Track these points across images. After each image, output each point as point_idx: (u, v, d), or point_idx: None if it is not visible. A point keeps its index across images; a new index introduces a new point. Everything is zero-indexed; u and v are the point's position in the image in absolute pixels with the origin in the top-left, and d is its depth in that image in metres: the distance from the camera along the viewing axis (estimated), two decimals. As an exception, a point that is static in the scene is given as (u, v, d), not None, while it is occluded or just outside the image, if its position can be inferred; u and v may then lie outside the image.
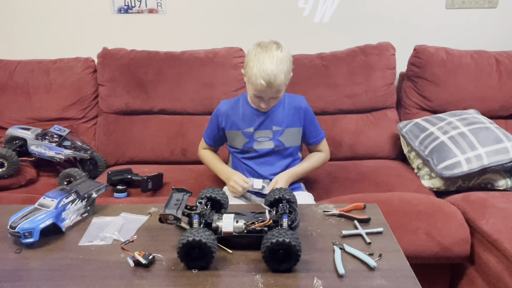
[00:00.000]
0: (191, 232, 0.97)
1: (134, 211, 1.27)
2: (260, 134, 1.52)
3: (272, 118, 1.51)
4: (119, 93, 2.08)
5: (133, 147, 2.08)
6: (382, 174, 1.90)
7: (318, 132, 1.59)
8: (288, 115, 1.52)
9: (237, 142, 1.56)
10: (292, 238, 0.96)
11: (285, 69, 1.38)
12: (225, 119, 1.55)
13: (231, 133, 1.56)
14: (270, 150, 1.54)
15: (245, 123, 1.52)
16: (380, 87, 2.09)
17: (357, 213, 1.25)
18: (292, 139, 1.54)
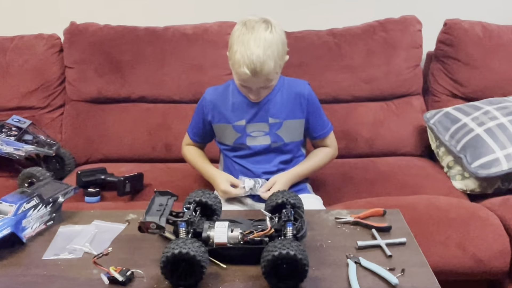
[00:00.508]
0: (177, 244, 0.98)
1: (109, 218, 1.27)
2: (254, 128, 1.51)
3: (268, 108, 1.50)
4: (90, 77, 2.07)
5: (107, 142, 2.07)
6: (406, 174, 1.90)
7: (324, 123, 1.58)
8: (288, 104, 1.51)
9: (227, 138, 1.55)
10: (297, 250, 0.96)
11: (275, 54, 1.36)
12: (212, 110, 1.54)
13: (220, 127, 1.55)
14: (266, 147, 1.53)
15: (235, 114, 1.51)
16: (404, 70, 2.09)
17: (376, 220, 1.25)
18: (293, 133, 1.53)
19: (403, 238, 1.15)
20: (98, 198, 1.73)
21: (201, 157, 1.64)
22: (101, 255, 1.03)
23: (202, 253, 0.98)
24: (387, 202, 1.64)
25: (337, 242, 1.16)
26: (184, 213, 1.11)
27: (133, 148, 2.07)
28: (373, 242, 1.14)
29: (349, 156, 2.08)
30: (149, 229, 1.04)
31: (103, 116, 2.09)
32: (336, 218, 1.27)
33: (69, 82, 2.10)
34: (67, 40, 2.08)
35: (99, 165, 1.92)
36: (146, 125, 2.08)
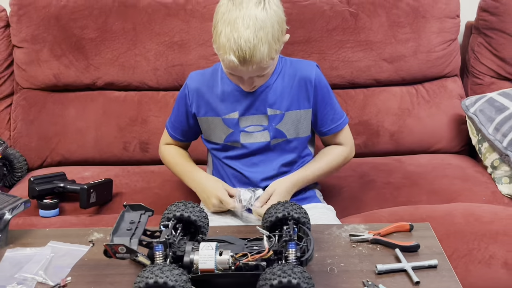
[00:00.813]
0: (152, 271, 0.98)
1: (68, 238, 1.27)
2: (249, 121, 1.51)
3: (266, 97, 1.49)
4: (44, 59, 2.07)
5: (67, 141, 2.07)
6: (439, 176, 1.90)
7: (336, 115, 1.57)
8: (291, 90, 1.50)
9: (216, 135, 1.55)
10: (301, 278, 0.97)
11: (269, 36, 1.34)
12: (197, 100, 1.54)
13: (207, 121, 1.55)
14: (265, 145, 1.53)
15: (226, 105, 1.51)
16: (436, 46, 2.08)
17: (400, 238, 1.26)
18: (298, 127, 1.53)
19: (433, 259, 1.16)
20: (55, 212, 1.73)
21: (184, 159, 1.64)
22: (58, 287, 1.03)
23: (183, 283, 0.98)
24: (415, 212, 1.64)
25: (352, 266, 1.16)
26: (161, 232, 1.11)
27: (100, 148, 2.07)
28: (396, 266, 1.15)
29: (368, 154, 2.09)
30: (117, 253, 1.04)
31: (62, 108, 2.09)
32: (351, 235, 1.27)
33: (18, 65, 2.10)
34: (14, 12, 2.07)
35: (57, 170, 1.93)
36: (115, 118, 2.08)
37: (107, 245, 1.03)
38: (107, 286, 1.12)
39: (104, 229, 1.32)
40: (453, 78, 2.15)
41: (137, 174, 2.00)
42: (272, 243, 1.09)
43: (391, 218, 1.60)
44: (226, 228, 1.36)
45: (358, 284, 1.10)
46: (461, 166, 1.98)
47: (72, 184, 1.80)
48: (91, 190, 1.73)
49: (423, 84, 2.12)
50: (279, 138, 1.52)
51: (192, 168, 1.61)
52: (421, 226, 1.30)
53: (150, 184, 1.93)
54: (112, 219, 1.64)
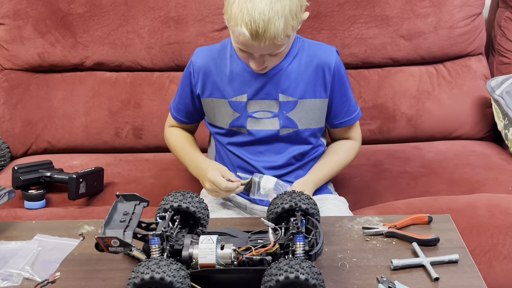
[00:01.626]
0: (147, 266, 0.99)
1: (56, 231, 1.28)
2: (258, 106, 1.51)
3: (279, 81, 1.49)
4: (28, 37, 2.07)
5: (53, 126, 2.08)
6: (461, 165, 1.91)
7: (351, 107, 1.57)
8: (307, 76, 1.50)
9: (221, 118, 1.55)
10: (310, 273, 0.97)
11: (286, 10, 1.33)
12: (202, 79, 1.54)
13: (211, 103, 1.55)
14: (273, 134, 1.53)
15: (234, 86, 1.51)
16: (459, 21, 2.08)
17: (418, 230, 1.27)
18: (311, 118, 1.53)
19: (454, 254, 1.17)
20: (42, 203, 1.74)
21: (187, 143, 1.64)
22: (46, 283, 1.05)
23: (182, 279, 0.99)
24: (435, 204, 1.65)
25: (365, 261, 1.17)
26: (157, 225, 1.12)
27: (89, 134, 2.08)
28: (413, 261, 1.16)
29: (383, 141, 2.09)
30: (110, 247, 1.05)
31: (48, 91, 2.10)
32: (364, 227, 1.28)
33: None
34: (-5, -14, 2.08)
35: (42, 158, 1.94)
36: (106, 102, 2.08)
37: (98, 238, 1.04)
38: (99, 282, 1.13)
39: (95, 221, 1.33)
40: (478, 56, 2.14)
41: (130, 162, 2.01)
42: (278, 236, 1.10)
43: (408, 210, 1.60)
44: (228, 220, 1.37)
45: (372, 281, 1.11)
46: (485, 154, 1.98)
47: (59, 173, 1.81)
48: (81, 180, 1.74)
49: (444, 63, 2.12)
50: (290, 128, 1.52)
51: (194, 152, 1.61)
52: (441, 218, 1.31)
53: (144, 174, 1.94)
54: (103, 211, 1.65)
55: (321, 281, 0.99)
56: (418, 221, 1.29)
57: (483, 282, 1.11)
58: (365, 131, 2.07)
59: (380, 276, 1.11)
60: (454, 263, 1.16)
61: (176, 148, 1.65)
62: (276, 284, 0.97)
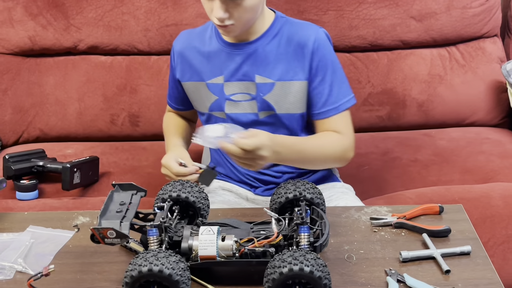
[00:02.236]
0: (145, 258, 1.00)
1: (50, 223, 1.29)
2: (236, 88, 1.51)
3: (256, 61, 1.48)
4: (18, 19, 2.08)
5: (45, 113, 2.09)
6: (475, 152, 1.92)
7: (331, 97, 1.48)
8: (286, 56, 1.48)
9: (201, 103, 1.56)
10: (315, 265, 0.98)
11: None
12: (181, 62, 1.56)
13: (191, 87, 1.56)
14: (253, 118, 1.52)
15: (211, 68, 1.52)
16: (473, 0, 2.08)
17: (429, 221, 1.27)
18: (290, 101, 1.50)
19: (466, 246, 1.17)
20: (34, 194, 1.75)
21: (173, 127, 1.65)
22: (40, 276, 1.05)
23: (181, 271, 1.00)
24: (447, 194, 1.66)
25: (372, 253, 1.18)
26: (155, 215, 1.13)
27: (84, 121, 2.09)
28: (423, 253, 1.16)
29: (393, 128, 2.09)
30: (106, 238, 1.06)
31: (39, 76, 2.10)
32: (371, 218, 1.29)
33: (-11, 26, 2.11)
34: (-17, -35, 2.08)
35: (35, 147, 1.95)
36: (101, 87, 2.09)
37: (94, 229, 1.05)
38: (95, 275, 1.14)
39: (90, 212, 1.34)
40: (492, 38, 2.14)
41: (126, 151, 2.02)
42: (282, 227, 1.11)
43: (419, 200, 1.61)
44: (229, 211, 1.38)
45: (380, 273, 1.12)
46: (500, 141, 1.99)
47: (52, 162, 1.82)
48: (75, 170, 1.75)
49: (457, 45, 2.12)
50: (267, 111, 1.51)
51: (172, 136, 1.60)
52: (453, 208, 1.31)
53: (141, 163, 1.95)
54: (99, 202, 1.66)
55: (327, 273, 0.99)
56: (428, 211, 1.29)
57: (496, 275, 1.11)
58: (373, 117, 2.08)
59: (388, 269, 1.12)
60: (466, 255, 1.16)
61: (164, 132, 1.66)
62: (280, 277, 0.98)
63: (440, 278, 1.10)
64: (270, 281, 0.99)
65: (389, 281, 1.08)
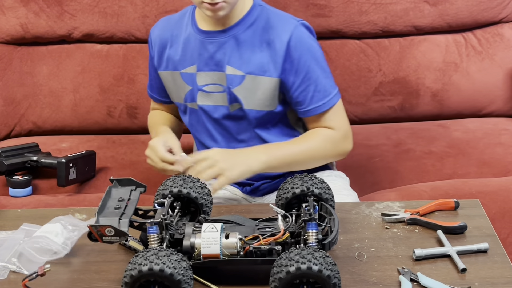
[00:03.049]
0: (145, 257, 1.00)
1: (44, 220, 1.29)
2: (209, 79, 1.52)
3: (228, 51, 1.48)
4: (9, 5, 2.08)
5: (39, 105, 2.10)
6: (492, 144, 1.91)
7: (318, 92, 1.47)
8: (259, 49, 1.48)
9: (177, 93, 1.57)
10: (324, 264, 0.98)
11: None
12: (158, 50, 1.57)
13: (167, 76, 1.57)
14: (225, 112, 1.52)
15: (186, 56, 1.53)
16: (490, -17, 2.07)
17: (444, 217, 1.28)
18: (259, 98, 1.49)
19: (484, 243, 1.17)
20: (28, 191, 1.76)
21: (162, 120, 1.65)
22: (35, 276, 1.06)
23: (183, 270, 1.01)
24: (463, 187, 1.66)
25: (384, 251, 1.18)
26: (155, 212, 1.14)
27: (79, 113, 2.10)
28: (438, 250, 1.17)
29: (406, 119, 2.10)
30: (104, 236, 1.07)
31: (32, 66, 2.11)
32: (383, 214, 1.29)
33: (-22, 14, 2.11)
34: (-29, -51, 2.08)
35: (28, 140, 1.95)
36: (97, 77, 2.09)
37: (91, 226, 1.06)
38: (92, 275, 1.15)
39: (87, 209, 1.35)
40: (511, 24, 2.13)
41: (124, 145, 2.02)
42: (289, 224, 1.11)
43: (433, 194, 1.62)
44: (233, 207, 1.39)
45: (392, 272, 1.12)
46: (519, 133, 1.99)
47: (47, 157, 1.82)
48: (70, 165, 1.75)
49: (473, 31, 2.12)
50: (236, 104, 1.51)
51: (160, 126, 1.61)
52: (469, 203, 1.31)
53: (140, 157, 1.94)
54: (96, 199, 1.67)
55: (336, 272, 1.00)
56: (443, 207, 1.30)
57: (515, 272, 1.11)
58: (385, 108, 2.08)
59: (401, 267, 1.12)
60: (483, 252, 1.16)
61: (150, 129, 1.67)
62: (287, 276, 0.98)
63: (455, 277, 1.10)
64: (277, 280, 0.99)
65: (402, 280, 1.08)
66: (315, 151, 1.50)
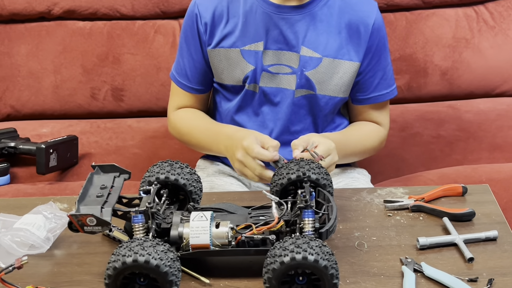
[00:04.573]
0: (130, 248, 1.00)
1: (23, 210, 1.30)
2: (276, 58, 1.50)
3: (304, 29, 1.48)
4: (-17, -20, 2.08)
5: (17, 87, 2.10)
6: (505, 127, 1.92)
7: (384, 80, 1.52)
8: (338, 30, 1.48)
9: (232, 73, 1.52)
10: (321, 253, 0.99)
11: None
12: (211, 24, 1.51)
13: (220, 54, 1.52)
14: (285, 97, 1.50)
15: (247, 32, 1.49)
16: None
17: (450, 203, 1.28)
18: (335, 83, 1.50)
19: (493, 230, 1.18)
20: (6, 179, 1.77)
21: (204, 118, 1.58)
22: (12, 269, 1.06)
23: (170, 262, 1.01)
24: (473, 174, 1.67)
25: (386, 240, 1.19)
26: (141, 200, 1.14)
27: (60, 96, 2.10)
28: (444, 239, 1.17)
29: (413, 100, 2.10)
30: (85, 226, 1.07)
31: (9, 45, 2.10)
32: (385, 201, 1.30)
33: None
34: None
35: (5, 125, 1.96)
36: (79, 57, 2.09)
37: (71, 215, 1.06)
38: (74, 268, 1.15)
39: (68, 197, 1.35)
40: (526, -4, 2.13)
41: (109, 129, 2.03)
42: (283, 212, 1.11)
43: (441, 182, 1.61)
44: (226, 195, 1.39)
45: (395, 262, 1.13)
46: (534, 114, 1.99)
47: (25, 143, 1.83)
48: (51, 151, 1.76)
49: (485, 4, 2.12)
50: (305, 90, 1.50)
51: (219, 125, 1.55)
52: (478, 189, 1.32)
53: (126, 142, 1.96)
54: (78, 187, 1.66)
55: (334, 262, 1.00)
56: (450, 193, 1.30)
57: (526, 262, 1.12)
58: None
59: (404, 257, 1.13)
60: (492, 241, 1.17)
61: (191, 129, 1.56)
62: (281, 267, 0.98)
63: (462, 267, 1.11)
64: (270, 271, 0.99)
65: (405, 271, 1.09)
66: (366, 148, 1.55)
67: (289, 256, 0.98)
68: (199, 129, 1.56)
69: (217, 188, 1.54)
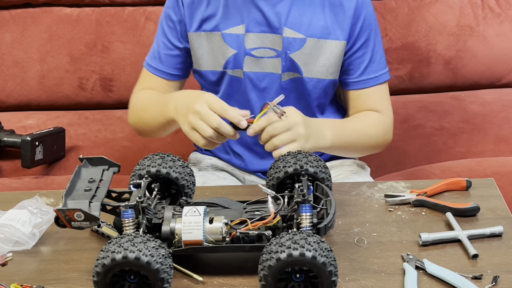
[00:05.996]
0: (119, 244, 1.00)
1: (7, 204, 1.30)
2: (259, 41, 1.51)
3: (286, 10, 1.48)
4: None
5: (1, 77, 2.11)
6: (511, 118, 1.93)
7: (372, 63, 1.51)
8: (322, 9, 1.49)
9: (214, 58, 1.54)
10: (318, 250, 0.99)
11: None
12: (189, 7, 1.52)
13: (200, 38, 1.53)
14: (273, 81, 1.51)
15: (229, 14, 1.50)
16: None
17: (454, 198, 1.28)
18: (321, 65, 1.51)
19: (498, 226, 1.18)
20: (-10, 172, 1.78)
21: (159, 94, 1.55)
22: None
23: (161, 259, 1.01)
24: (478, 168, 1.67)
25: (387, 236, 1.19)
26: (131, 194, 1.14)
27: (47, 86, 2.10)
28: (447, 235, 1.17)
29: (415, 90, 2.10)
30: (72, 221, 1.07)
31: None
32: (386, 195, 1.30)
33: None
34: None
35: (-11, 117, 1.96)
36: (66, 45, 2.09)
37: (58, 210, 1.06)
38: (61, 265, 1.15)
39: (55, 192, 1.36)
40: (533, -19, 2.14)
41: (98, 121, 2.03)
42: (280, 206, 1.11)
43: (444, 176, 1.62)
44: (220, 189, 1.39)
45: (396, 259, 1.13)
46: (541, 105, 2.00)
47: (10, 135, 1.83)
48: (36, 143, 1.76)
49: (491, -10, 2.12)
50: (292, 73, 1.51)
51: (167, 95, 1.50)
52: (482, 183, 1.32)
53: (116, 135, 1.96)
54: (65, 181, 1.65)
55: (332, 259, 1.00)
56: (453, 187, 1.30)
57: (532, 259, 1.12)
58: (391, 78, 2.07)
59: (405, 254, 1.13)
60: (497, 237, 1.17)
61: (145, 107, 1.55)
62: (277, 264, 0.98)
63: (466, 264, 1.11)
64: (266, 268, 0.99)
65: (406, 268, 1.09)
66: (369, 136, 1.50)
67: (286, 252, 0.98)
68: (151, 103, 1.53)
69: (210, 183, 1.54)
